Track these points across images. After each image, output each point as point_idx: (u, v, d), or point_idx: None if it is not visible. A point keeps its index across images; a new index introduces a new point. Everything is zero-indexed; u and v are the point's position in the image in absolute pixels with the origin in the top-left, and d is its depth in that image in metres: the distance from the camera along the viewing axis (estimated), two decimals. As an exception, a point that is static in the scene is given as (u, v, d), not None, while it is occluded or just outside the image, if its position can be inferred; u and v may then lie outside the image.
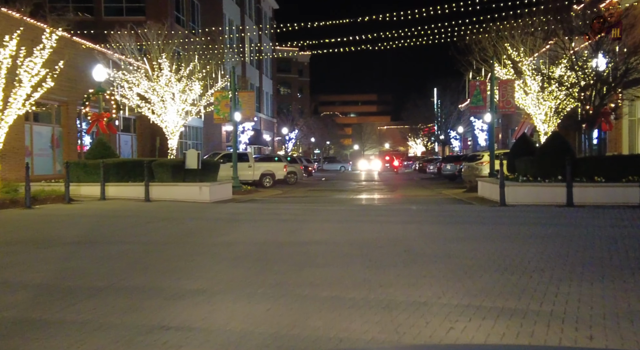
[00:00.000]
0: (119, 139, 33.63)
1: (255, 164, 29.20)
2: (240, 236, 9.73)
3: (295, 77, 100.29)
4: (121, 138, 33.97)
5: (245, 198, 20.03)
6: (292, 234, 9.89)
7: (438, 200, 18.05)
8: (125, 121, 34.58)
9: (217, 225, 11.55)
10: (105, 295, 5.57)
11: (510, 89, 21.54)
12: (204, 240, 9.38)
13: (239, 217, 12.99)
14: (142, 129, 36.39)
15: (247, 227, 11.07)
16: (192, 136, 43.05)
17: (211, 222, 12.03)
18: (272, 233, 10.02)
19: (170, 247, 8.56)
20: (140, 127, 36.21)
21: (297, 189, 27.90)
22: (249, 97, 22.67)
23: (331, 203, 17.31)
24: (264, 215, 13.43)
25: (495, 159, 22.13)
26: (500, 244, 8.32)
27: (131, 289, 5.81)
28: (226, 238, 9.49)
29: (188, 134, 42.04)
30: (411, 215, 12.91)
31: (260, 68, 59.14)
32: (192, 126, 42.47)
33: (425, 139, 74.10)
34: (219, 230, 10.73)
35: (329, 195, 22.18)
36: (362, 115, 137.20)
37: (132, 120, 35.46)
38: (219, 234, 10.16)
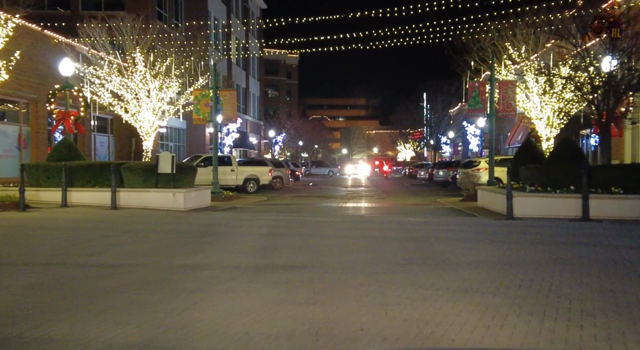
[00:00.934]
0: (94, 140, 31.80)
1: (238, 168, 27.56)
2: (208, 257, 8.11)
3: (283, 80, 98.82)
4: (97, 139, 32.15)
5: (225, 205, 18.38)
6: (270, 254, 8.29)
7: (435, 211, 16.54)
8: (102, 121, 32.78)
9: (186, 240, 9.91)
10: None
11: (511, 91, 20.13)
12: (165, 261, 7.75)
13: (213, 230, 11.35)
14: (120, 129, 34.54)
15: (219, 244, 9.45)
16: (174, 138, 41.26)
17: (179, 237, 10.38)
18: (247, 253, 8.41)
19: (120, 273, 6.92)
20: (117, 127, 34.36)
21: (282, 195, 26.29)
22: (231, 97, 21.05)
23: (318, 213, 15.73)
24: (242, 228, 11.81)
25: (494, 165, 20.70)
26: (523, 271, 6.79)
27: (43, 342, 4.19)
28: (191, 260, 7.87)
29: (170, 135, 40.25)
30: (409, 229, 11.36)
31: (247, 69, 57.50)
32: (174, 127, 40.68)
33: (415, 143, 72.82)
34: (185, 248, 9.09)
35: (315, 203, 20.60)
36: (351, 119, 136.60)
37: (109, 120, 33.63)
38: (185, 252, 8.53)
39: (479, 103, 20.35)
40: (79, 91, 18.05)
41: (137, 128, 20.79)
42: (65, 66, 18.17)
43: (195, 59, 21.18)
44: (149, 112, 20.19)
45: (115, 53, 19.31)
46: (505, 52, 21.41)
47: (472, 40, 22.23)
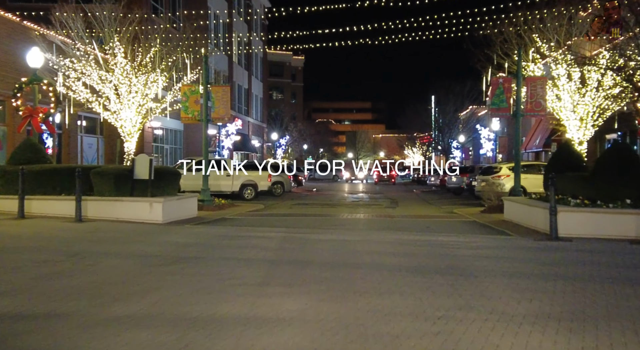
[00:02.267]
0: (82, 141, 29.56)
1: (234, 173, 25.25)
2: (158, 303, 5.76)
3: (288, 82, 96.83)
4: (84, 140, 29.91)
5: (213, 216, 16.04)
6: (250, 301, 5.93)
7: (457, 226, 14.12)
8: (90, 121, 30.51)
9: (144, 270, 7.56)
10: None
11: (540, 88, 17.73)
12: (94, 310, 5.42)
13: (186, 253, 9.01)
14: (111, 130, 32.17)
15: (185, 278, 7.11)
16: (171, 140, 39.02)
17: (139, 264, 8.04)
18: (215, 295, 6.06)
19: (13, 334, 4.59)
20: (108, 127, 32.03)
21: (282, 203, 23.93)
22: (224, 93, 18.73)
23: (319, 228, 13.34)
24: (222, 250, 9.46)
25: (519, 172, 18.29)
26: (614, 338, 4.43)
27: None
28: (133, 307, 5.53)
29: (165, 137, 38.02)
30: (432, 254, 8.99)
31: (249, 69, 55.30)
32: (171, 129, 38.44)
33: (424, 147, 70.32)
34: (137, 283, 6.74)
35: (317, 213, 18.23)
36: (357, 123, 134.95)
37: (99, 119, 31.35)
38: (132, 293, 6.19)
39: (504, 101, 17.95)
40: (48, 85, 15.78)
41: (119, 127, 18.49)
42: (33, 57, 15.93)
43: (182, 49, 18.87)
44: (132, 110, 17.90)
45: (92, 43, 17.02)
46: (532, 45, 19.01)
47: (495, 32, 19.84)
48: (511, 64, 19.31)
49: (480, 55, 20.39)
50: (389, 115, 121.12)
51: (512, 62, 19.38)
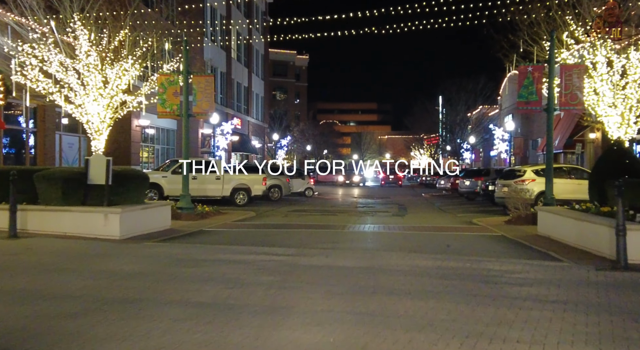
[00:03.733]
0: (60, 140, 27.07)
1: (225, 175, 22.68)
2: None
3: (292, 82, 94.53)
4: (63, 139, 27.38)
5: (189, 228, 13.46)
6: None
7: (484, 243, 11.43)
8: (72, 118, 27.99)
9: (42, 326, 4.98)
10: None
11: (577, 77, 15.06)
12: None
13: (119, 293, 6.44)
14: (95, 129, 29.80)
15: (85, 343, 4.52)
16: (163, 140, 36.51)
17: (28, 315, 5.46)
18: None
19: None
20: (92, 126, 29.64)
21: (277, 210, 21.34)
22: (207, 84, 16.15)
23: (313, 246, 10.71)
24: (174, 287, 6.85)
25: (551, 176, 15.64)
26: None
27: None
28: None
29: (157, 136, 35.52)
30: (465, 292, 6.38)
31: (249, 66, 52.76)
32: (162, 128, 35.92)
33: (432, 149, 67.58)
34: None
35: (315, 224, 15.61)
36: (362, 124, 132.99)
37: (81, 117, 28.86)
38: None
39: (533, 93, 15.29)
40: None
41: (84, 123, 15.94)
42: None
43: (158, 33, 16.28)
44: (99, 103, 15.35)
45: (49, 23, 14.47)
46: (566, 28, 16.35)
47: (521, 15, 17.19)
48: (540, 51, 16.65)
49: (503, 42, 17.75)
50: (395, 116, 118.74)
51: (540, 49, 16.72)
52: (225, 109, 43.58)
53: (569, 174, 19.84)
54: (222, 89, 44.25)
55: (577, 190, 19.17)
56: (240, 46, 50.20)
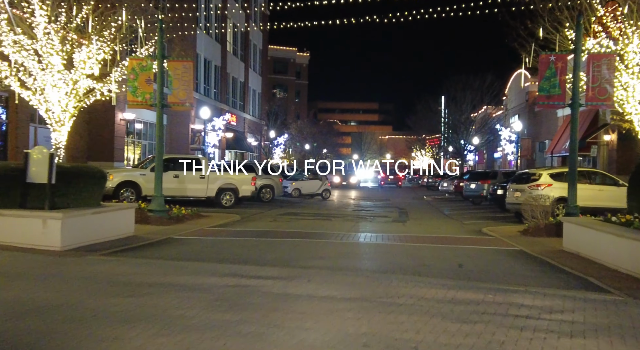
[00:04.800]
0: (36, 134, 25.11)
1: (211, 174, 20.72)
2: None
3: (292, 79, 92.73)
4: (39, 132, 25.40)
5: (155, 236, 11.52)
6: None
7: (503, 262, 9.45)
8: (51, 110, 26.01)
9: None
10: None
11: (607, 69, 13.13)
12: None
13: (12, 344, 4.50)
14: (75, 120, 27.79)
15: None
16: (151, 135, 34.54)
17: None
18: None
19: None
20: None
21: (266, 212, 19.42)
22: (185, 71, 14.21)
23: (295, 263, 8.75)
24: (88, 332, 4.91)
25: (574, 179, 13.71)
26: None
27: None
28: None
29: (145, 131, 33.58)
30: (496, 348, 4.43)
31: (246, 61, 50.76)
32: (152, 122, 33.93)
33: (434, 150, 65.57)
34: None
35: (304, 231, 13.67)
36: (363, 124, 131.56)
37: (60, 109, 26.92)
38: None
39: (556, 86, 13.35)
40: None
41: (44, 112, 13.99)
42: None
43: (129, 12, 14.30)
44: (61, 90, 13.42)
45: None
46: (592, 13, 14.40)
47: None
48: (562, 41, 14.72)
49: (520, 29, 15.79)
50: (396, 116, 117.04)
51: (563, 38, 14.79)
52: (220, 104, 41.67)
53: (588, 179, 17.89)
54: (217, 83, 42.32)
55: (598, 197, 17.25)
56: (237, 39, 48.24)
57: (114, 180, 19.23)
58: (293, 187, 29.03)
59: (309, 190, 29.49)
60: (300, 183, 29.39)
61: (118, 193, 19.06)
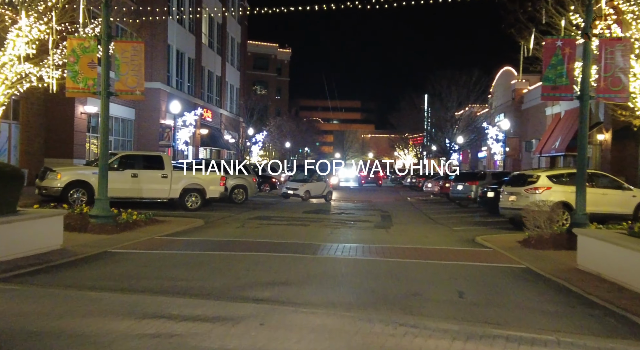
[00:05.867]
0: (-18, 127, 22.79)
1: (174, 173, 18.65)
2: None
3: (273, 76, 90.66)
4: (-15, 126, 23.09)
5: (86, 250, 9.47)
6: None
7: (509, 285, 7.58)
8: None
9: None
10: None
11: (622, 55, 11.41)
12: None
13: None
14: (31, 114, 25.61)
15: None
16: (120, 130, 32.29)
17: None
18: None
19: None
20: (27, 111, 25.39)
21: (235, 216, 17.45)
22: (135, 53, 12.17)
23: (249, 294, 6.80)
24: None
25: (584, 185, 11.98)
26: None
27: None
28: None
29: (111, 127, 31.28)
30: None
31: (223, 54, 48.53)
32: (119, 117, 31.69)
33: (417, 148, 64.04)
34: None
35: (273, 241, 11.74)
36: (345, 122, 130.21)
37: (12, 100, 24.60)
38: None
39: (563, 76, 11.60)
40: None
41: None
42: None
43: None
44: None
45: None
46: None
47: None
48: (567, 24, 12.99)
49: (519, 13, 14.04)
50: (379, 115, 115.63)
51: (568, 22, 13.07)
52: (194, 98, 39.45)
53: (590, 181, 16.21)
54: (190, 76, 40.09)
55: (602, 202, 15.62)
56: (213, 31, 46.00)
57: (63, 179, 17.05)
58: (304, 190, 26.96)
59: (316, 192, 27.57)
60: (310, 185, 27.40)
61: (67, 194, 16.89)
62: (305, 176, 29.02)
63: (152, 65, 33.12)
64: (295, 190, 27.17)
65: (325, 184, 28.51)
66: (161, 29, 33.77)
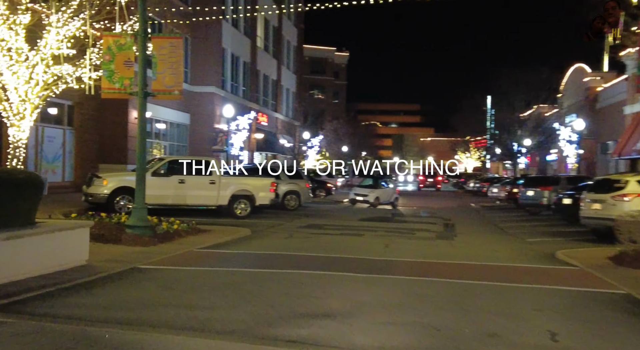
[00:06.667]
0: (38, 133, 22.73)
1: (223, 179, 17.75)
2: None
3: (330, 80, 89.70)
4: (41, 131, 23.04)
5: (114, 266, 8.53)
6: None
7: (617, 329, 5.98)
8: (52, 106, 23.67)
9: None
10: None
11: None
12: None
13: None
14: (85, 119, 25.52)
15: None
16: (175, 135, 32.05)
17: None
18: None
19: None
20: (80, 116, 25.32)
21: (284, 225, 16.31)
22: (173, 50, 11.26)
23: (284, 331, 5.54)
24: None
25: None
26: None
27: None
28: None
29: (166, 132, 31.10)
30: None
31: (279, 58, 47.87)
32: (174, 122, 31.47)
33: (479, 152, 61.23)
34: None
35: (321, 255, 10.48)
36: (404, 125, 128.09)
37: (67, 105, 24.54)
38: None
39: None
40: None
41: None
42: None
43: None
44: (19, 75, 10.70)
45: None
46: None
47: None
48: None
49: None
50: (438, 118, 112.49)
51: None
52: (249, 102, 38.89)
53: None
54: (245, 80, 39.57)
55: None
56: (268, 35, 45.41)
57: (108, 185, 16.45)
58: (374, 196, 25.51)
59: (385, 198, 26.08)
60: (380, 191, 25.95)
61: (113, 201, 16.26)
62: (373, 181, 27.59)
63: (206, 69, 32.76)
64: (365, 196, 25.64)
65: (393, 189, 27.01)
66: (215, 32, 33.32)
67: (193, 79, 32.58)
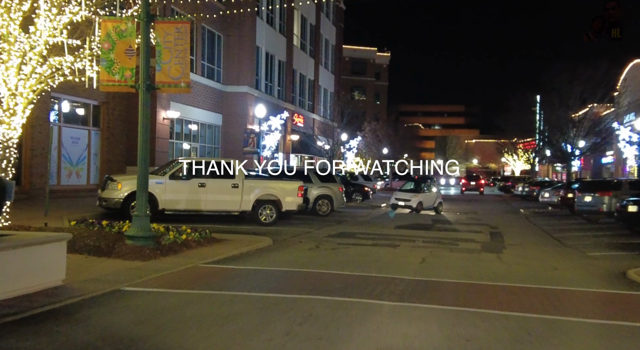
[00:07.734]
0: (60, 134, 21.94)
1: (246, 183, 16.35)
2: None
3: (371, 81, 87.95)
4: (64, 133, 22.16)
5: (93, 288, 7.17)
6: None
7: None
8: (76, 106, 22.80)
9: None
10: None
11: None
12: None
13: None
14: (112, 119, 24.66)
15: None
16: (207, 137, 31.05)
17: None
18: None
19: None
20: (107, 117, 24.50)
21: (311, 233, 14.76)
22: (179, 37, 9.91)
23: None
24: None
25: None
26: None
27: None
28: None
29: (197, 133, 30.11)
30: None
31: (316, 57, 46.47)
32: (205, 123, 30.42)
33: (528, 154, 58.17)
34: None
35: (346, 269, 8.90)
36: (447, 127, 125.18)
37: (92, 105, 23.73)
38: None
39: None
40: None
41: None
42: None
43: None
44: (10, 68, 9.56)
45: None
46: None
47: None
48: None
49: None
50: (483, 119, 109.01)
51: None
52: (284, 103, 37.63)
53: None
54: (281, 80, 38.31)
55: None
56: (305, 33, 44.05)
57: (123, 189, 15.29)
58: (417, 201, 23.71)
59: (428, 203, 24.26)
60: (423, 196, 24.18)
61: (128, 206, 15.04)
62: (415, 185, 25.77)
63: (239, 68, 31.64)
64: (407, 201, 23.82)
65: (437, 193, 25.12)
66: (249, 30, 32.19)
67: (226, 78, 31.51)
